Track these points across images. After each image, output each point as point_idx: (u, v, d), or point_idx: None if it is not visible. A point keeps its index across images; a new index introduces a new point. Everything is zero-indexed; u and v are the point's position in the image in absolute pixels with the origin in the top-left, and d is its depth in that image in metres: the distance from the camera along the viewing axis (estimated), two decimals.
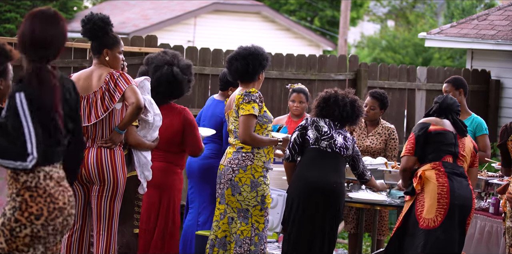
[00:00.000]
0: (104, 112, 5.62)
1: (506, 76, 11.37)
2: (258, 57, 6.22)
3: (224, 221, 6.15)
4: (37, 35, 4.09)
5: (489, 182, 6.73)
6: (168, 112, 6.55)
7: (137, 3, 26.31)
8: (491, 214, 6.61)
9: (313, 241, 6.03)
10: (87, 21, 5.76)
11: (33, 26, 4.10)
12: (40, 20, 4.11)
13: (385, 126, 7.67)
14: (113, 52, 5.78)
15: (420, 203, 5.94)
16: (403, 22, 33.71)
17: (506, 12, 11.31)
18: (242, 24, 24.55)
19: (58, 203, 4.10)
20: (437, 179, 5.91)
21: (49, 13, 4.14)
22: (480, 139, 7.34)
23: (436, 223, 5.85)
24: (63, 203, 4.13)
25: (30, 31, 4.09)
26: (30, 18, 4.13)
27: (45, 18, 4.13)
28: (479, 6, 25.33)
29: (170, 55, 6.67)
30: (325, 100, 6.33)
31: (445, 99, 6.24)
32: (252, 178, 6.07)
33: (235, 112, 6.15)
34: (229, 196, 6.08)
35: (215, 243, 6.16)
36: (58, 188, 4.13)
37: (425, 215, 5.88)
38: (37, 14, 4.13)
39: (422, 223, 5.88)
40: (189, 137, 6.54)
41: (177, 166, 6.62)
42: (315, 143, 6.20)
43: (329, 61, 10.26)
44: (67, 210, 4.15)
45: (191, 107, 8.98)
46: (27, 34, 4.10)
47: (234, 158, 6.11)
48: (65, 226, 4.18)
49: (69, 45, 8.42)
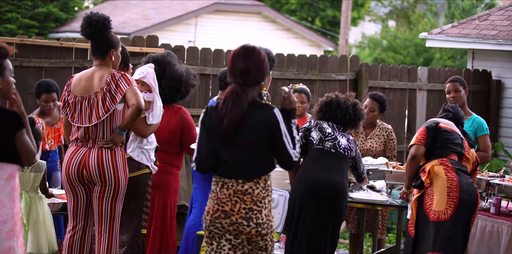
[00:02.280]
0: (105, 113, 5.63)
1: (507, 77, 11.36)
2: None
3: None
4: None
5: (490, 182, 6.72)
6: (165, 112, 6.53)
7: (138, 3, 26.32)
8: (492, 214, 6.60)
9: (316, 242, 6.01)
10: (95, 23, 5.68)
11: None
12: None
13: (382, 127, 7.67)
14: (117, 52, 5.81)
15: (429, 196, 6.06)
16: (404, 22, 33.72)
17: (507, 12, 11.31)
18: (243, 24, 24.55)
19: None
20: (446, 174, 6.06)
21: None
22: (481, 139, 7.33)
23: (447, 215, 5.97)
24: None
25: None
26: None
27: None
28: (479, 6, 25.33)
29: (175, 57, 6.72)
30: (327, 104, 6.32)
31: (458, 111, 6.48)
32: None
33: None
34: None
35: None
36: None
37: (435, 208, 6.00)
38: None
39: (433, 215, 6.00)
40: (187, 137, 6.53)
41: (173, 167, 6.61)
42: (319, 143, 6.17)
43: (330, 61, 10.26)
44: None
45: (191, 107, 8.98)
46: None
47: None
48: None
49: (70, 45, 8.43)
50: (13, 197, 4.44)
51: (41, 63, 8.29)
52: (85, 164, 5.63)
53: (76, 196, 5.73)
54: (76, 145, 5.71)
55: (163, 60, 6.61)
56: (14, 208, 4.44)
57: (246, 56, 4.61)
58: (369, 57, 28.29)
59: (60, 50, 8.43)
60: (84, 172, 5.63)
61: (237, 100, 4.55)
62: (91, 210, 5.76)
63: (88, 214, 5.77)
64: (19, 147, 4.37)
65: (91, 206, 5.76)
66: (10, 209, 4.41)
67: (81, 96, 5.70)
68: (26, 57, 8.23)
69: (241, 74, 4.59)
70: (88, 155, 5.64)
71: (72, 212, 5.77)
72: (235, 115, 4.55)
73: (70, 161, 5.68)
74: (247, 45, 4.65)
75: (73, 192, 5.73)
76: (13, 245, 4.41)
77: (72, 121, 5.72)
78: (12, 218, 4.43)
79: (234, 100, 4.56)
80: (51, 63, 8.33)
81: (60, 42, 8.44)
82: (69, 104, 5.75)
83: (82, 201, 5.74)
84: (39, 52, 8.31)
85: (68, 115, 5.75)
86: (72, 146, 5.74)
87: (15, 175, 4.45)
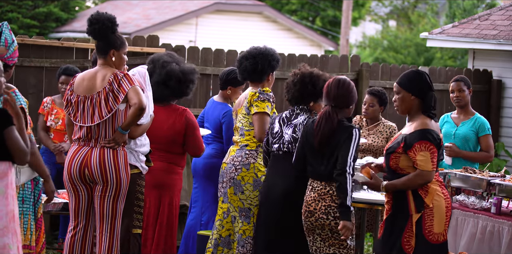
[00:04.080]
0: (108, 113, 5.63)
1: (507, 76, 11.37)
2: (267, 57, 6.22)
3: (228, 220, 6.15)
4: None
5: (491, 182, 6.72)
6: (170, 113, 6.55)
7: (139, 3, 26.33)
8: (493, 214, 6.60)
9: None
10: (95, 21, 5.73)
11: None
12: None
13: (386, 124, 7.67)
14: (119, 53, 5.80)
15: (429, 217, 5.36)
16: (404, 22, 33.72)
17: (508, 12, 11.31)
18: (244, 24, 24.56)
19: None
20: (442, 192, 5.44)
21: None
22: (483, 139, 7.32)
23: (445, 237, 5.45)
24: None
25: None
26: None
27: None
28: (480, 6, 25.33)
29: (176, 57, 6.71)
30: (286, 85, 6.04)
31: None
32: (255, 177, 6.06)
33: (245, 109, 6.13)
34: (232, 194, 6.08)
35: (219, 242, 6.15)
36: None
37: (436, 230, 5.38)
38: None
39: (432, 237, 5.38)
40: (190, 137, 6.54)
41: (178, 166, 6.62)
42: (270, 148, 5.95)
43: (331, 61, 10.26)
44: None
45: (192, 107, 8.98)
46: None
47: (237, 156, 6.10)
48: None
49: (70, 45, 8.44)
50: (7, 194, 4.44)
51: (42, 63, 8.30)
52: (87, 163, 5.63)
53: (77, 195, 5.74)
54: (78, 144, 5.72)
55: (158, 59, 6.61)
56: (7, 206, 4.44)
57: (338, 85, 5.59)
58: (370, 57, 28.29)
59: (61, 50, 8.44)
60: (86, 171, 5.64)
61: (329, 119, 5.50)
62: (92, 209, 5.77)
63: (89, 214, 5.78)
64: (9, 143, 4.38)
65: (92, 205, 5.76)
66: (3, 206, 4.42)
67: (83, 96, 5.71)
68: (27, 57, 8.23)
69: (334, 99, 5.55)
70: (90, 154, 5.65)
71: (73, 212, 5.78)
72: (325, 131, 5.48)
73: (72, 160, 5.68)
74: (340, 77, 5.63)
75: (74, 191, 5.74)
76: (8, 242, 4.42)
77: (75, 120, 5.73)
78: (6, 215, 4.43)
79: (327, 119, 5.50)
80: (52, 63, 8.34)
81: (61, 42, 8.45)
82: (72, 103, 5.76)
83: (83, 201, 5.75)
84: (39, 52, 8.32)
85: (71, 114, 5.76)
86: (74, 145, 5.75)
87: (7, 173, 4.45)
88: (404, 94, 5.44)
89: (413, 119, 5.44)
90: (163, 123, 6.50)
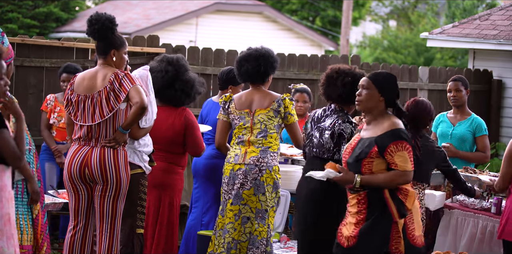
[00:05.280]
0: (109, 112, 5.63)
1: (508, 76, 11.37)
2: (269, 59, 6.20)
3: (239, 222, 6.07)
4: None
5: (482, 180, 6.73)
6: (169, 113, 6.54)
7: (139, 3, 26.33)
8: (493, 214, 6.60)
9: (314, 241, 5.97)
10: (95, 21, 5.73)
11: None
12: None
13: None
14: (120, 53, 5.80)
15: (410, 221, 5.32)
16: (405, 22, 33.72)
17: (508, 12, 11.31)
18: (244, 24, 24.56)
19: None
20: (417, 195, 5.54)
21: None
22: (479, 139, 7.31)
23: (423, 239, 5.45)
24: None
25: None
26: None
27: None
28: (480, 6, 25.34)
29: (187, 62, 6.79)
30: (326, 80, 5.94)
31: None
32: (275, 179, 6.05)
33: (274, 112, 6.07)
34: (250, 195, 5.99)
35: (232, 245, 6.07)
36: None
37: (416, 233, 5.38)
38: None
39: (416, 241, 5.36)
40: (190, 137, 6.54)
41: (178, 166, 6.62)
42: (304, 148, 6.06)
43: (331, 61, 10.25)
44: None
45: (192, 107, 8.97)
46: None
47: (262, 157, 6.03)
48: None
49: (71, 45, 8.44)
50: (1, 197, 4.40)
51: (42, 63, 8.30)
52: (87, 162, 5.63)
53: (77, 195, 5.74)
54: (78, 144, 5.72)
55: (178, 63, 6.62)
56: (2, 209, 4.40)
57: (417, 106, 6.22)
58: (370, 57, 28.29)
59: (61, 50, 8.44)
60: (86, 170, 5.64)
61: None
62: (92, 209, 5.77)
63: (89, 213, 5.78)
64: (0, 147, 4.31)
65: (92, 205, 5.76)
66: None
67: (84, 95, 5.71)
68: (27, 57, 8.23)
69: (411, 121, 5.99)
70: (90, 154, 5.65)
71: (73, 211, 5.77)
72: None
73: (72, 159, 5.68)
74: (419, 99, 6.31)
75: (74, 191, 5.74)
76: (1, 245, 4.39)
77: (75, 120, 5.73)
78: (1, 218, 4.39)
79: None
80: (52, 63, 8.34)
81: (61, 42, 8.45)
82: (72, 103, 5.76)
83: (83, 200, 5.75)
84: (40, 52, 8.32)
85: (71, 114, 5.76)
86: (74, 145, 5.74)
87: (2, 175, 4.41)
88: (375, 93, 5.19)
89: (377, 119, 5.18)
90: (162, 123, 6.50)
